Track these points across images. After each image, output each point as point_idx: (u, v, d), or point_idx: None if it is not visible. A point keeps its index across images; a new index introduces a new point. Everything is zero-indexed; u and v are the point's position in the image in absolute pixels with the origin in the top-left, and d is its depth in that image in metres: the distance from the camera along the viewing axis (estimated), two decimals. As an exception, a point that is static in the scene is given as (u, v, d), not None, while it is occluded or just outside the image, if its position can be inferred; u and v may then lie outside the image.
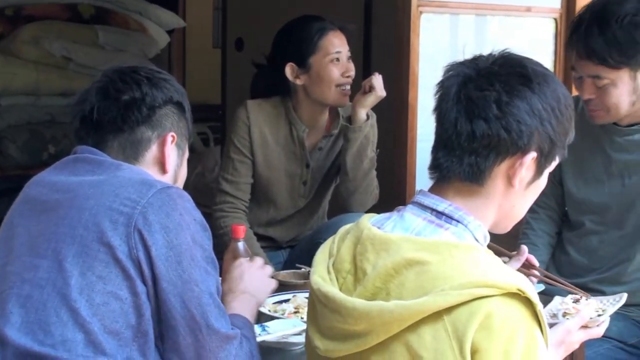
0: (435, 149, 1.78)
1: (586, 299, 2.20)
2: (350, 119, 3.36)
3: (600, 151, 2.93)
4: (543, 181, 1.80)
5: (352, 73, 3.36)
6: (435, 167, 1.77)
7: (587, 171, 2.96)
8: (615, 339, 2.84)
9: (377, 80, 3.34)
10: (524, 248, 2.19)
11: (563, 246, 3.07)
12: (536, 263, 2.21)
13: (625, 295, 2.18)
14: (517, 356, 1.55)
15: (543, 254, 3.06)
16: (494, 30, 4.64)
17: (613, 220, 2.93)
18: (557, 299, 2.24)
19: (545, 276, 2.29)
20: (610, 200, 2.92)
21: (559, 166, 1.92)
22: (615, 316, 2.54)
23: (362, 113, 3.34)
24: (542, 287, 2.58)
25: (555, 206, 3.09)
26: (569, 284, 2.24)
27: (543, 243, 3.07)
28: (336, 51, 3.32)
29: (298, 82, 3.35)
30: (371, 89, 3.32)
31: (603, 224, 2.96)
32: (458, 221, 1.71)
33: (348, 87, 3.35)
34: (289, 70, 3.35)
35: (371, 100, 3.34)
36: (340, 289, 1.70)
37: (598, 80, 2.75)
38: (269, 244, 3.53)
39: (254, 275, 2.30)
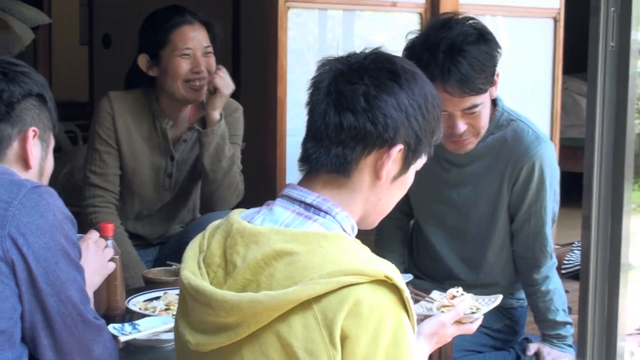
0: (305, 141, 1.80)
1: (462, 294, 2.25)
2: (204, 121, 3.29)
3: (434, 162, 2.97)
4: (409, 177, 1.84)
5: (204, 69, 3.27)
6: (304, 159, 1.80)
7: (427, 180, 3.02)
8: (482, 324, 2.90)
9: (220, 79, 3.25)
10: None
11: (418, 248, 3.13)
12: None
13: (500, 297, 2.25)
14: (386, 341, 1.57)
15: (400, 247, 3.12)
16: (362, 26, 4.69)
17: (454, 229, 3.01)
18: (435, 293, 2.29)
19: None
20: (449, 209, 3.00)
21: None
22: (482, 303, 2.63)
23: (214, 115, 3.27)
24: (410, 276, 2.63)
25: (406, 207, 3.14)
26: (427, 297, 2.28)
27: (399, 237, 3.13)
28: (186, 47, 3.25)
29: (151, 73, 3.30)
30: (216, 89, 3.26)
31: (446, 232, 3.03)
32: (326, 212, 1.73)
33: (199, 83, 3.26)
34: (141, 60, 3.31)
35: (219, 101, 3.27)
36: (211, 283, 1.70)
37: (474, 109, 2.77)
38: (138, 242, 3.48)
39: (90, 257, 2.25)
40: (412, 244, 3.18)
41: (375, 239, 3.15)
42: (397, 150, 1.75)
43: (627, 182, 2.46)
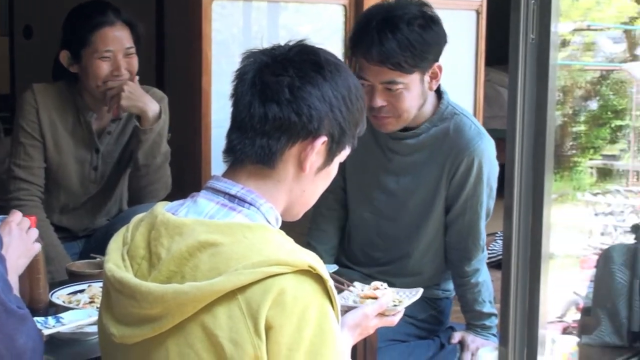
0: (230, 132, 1.81)
1: (385, 288, 2.27)
2: (139, 118, 3.25)
3: (379, 150, 3.00)
4: (333, 169, 1.85)
5: (124, 71, 3.21)
6: (229, 150, 1.80)
7: (366, 168, 3.04)
8: (407, 314, 2.94)
9: (124, 98, 3.19)
10: None
11: (350, 236, 3.14)
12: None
13: (421, 291, 2.26)
14: (310, 331, 1.59)
15: (333, 239, 3.13)
16: (287, 17, 4.69)
17: (389, 217, 3.03)
18: (357, 285, 2.30)
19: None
20: (386, 197, 3.02)
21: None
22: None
23: (150, 112, 3.25)
24: (335, 267, 2.64)
25: (342, 192, 3.15)
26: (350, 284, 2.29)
27: (333, 229, 3.13)
28: (107, 49, 3.19)
29: (72, 70, 3.26)
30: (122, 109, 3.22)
31: (380, 220, 3.05)
32: (250, 204, 1.74)
33: (119, 80, 3.21)
34: (63, 57, 3.26)
35: (139, 106, 3.22)
36: (135, 275, 1.69)
37: (392, 85, 2.78)
38: (64, 235, 3.44)
39: (13, 241, 2.22)
40: (345, 232, 3.18)
41: (309, 228, 3.16)
42: (321, 142, 1.76)
43: (547, 172, 2.51)
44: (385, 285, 2.28)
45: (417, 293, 2.24)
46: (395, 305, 2.16)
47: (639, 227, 3.62)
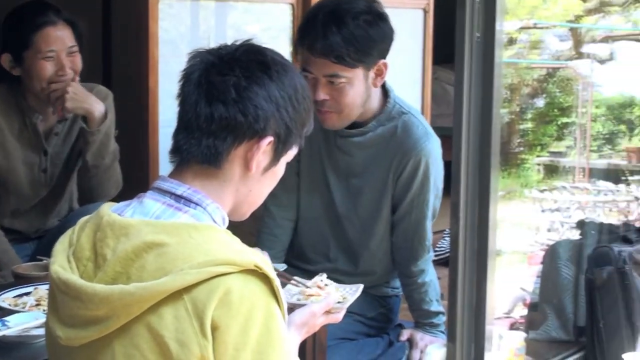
0: (176, 132, 1.80)
1: (326, 284, 2.27)
2: (85, 118, 3.22)
3: (328, 149, 3.00)
4: (280, 169, 1.85)
5: (69, 70, 3.18)
6: (175, 150, 1.80)
7: (317, 167, 3.04)
8: (356, 312, 2.97)
9: (68, 100, 3.16)
10: None
11: (299, 234, 3.14)
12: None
13: (361, 287, 2.26)
14: (256, 330, 1.59)
15: (284, 241, 3.12)
16: (236, 16, 4.68)
17: (340, 217, 3.03)
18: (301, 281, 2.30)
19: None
20: (336, 197, 3.02)
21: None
22: (356, 291, 2.66)
23: (96, 113, 3.21)
24: (284, 266, 2.65)
25: (295, 190, 3.14)
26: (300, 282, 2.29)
27: (282, 232, 3.12)
28: (50, 49, 3.15)
29: (14, 72, 3.21)
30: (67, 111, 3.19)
31: (331, 219, 3.06)
32: (197, 204, 1.73)
33: (63, 80, 3.17)
34: (4, 60, 3.21)
35: (85, 107, 3.19)
36: (81, 277, 1.68)
37: (335, 79, 2.78)
38: (15, 237, 3.40)
39: None
40: (296, 231, 3.18)
41: (258, 230, 3.14)
42: (267, 142, 1.76)
43: (493, 169, 2.52)
44: (324, 277, 2.28)
45: (357, 289, 2.25)
46: (339, 303, 2.17)
47: (584, 222, 3.66)
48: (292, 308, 1.98)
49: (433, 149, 2.92)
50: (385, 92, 2.95)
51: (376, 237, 3.00)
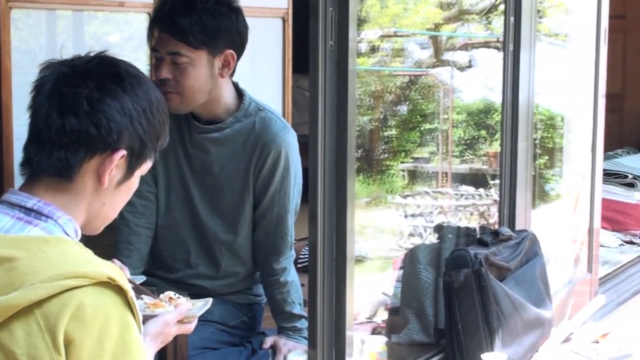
0: (27, 145, 1.77)
1: (178, 297, 2.26)
2: None
3: (185, 149, 2.98)
4: (134, 182, 1.83)
5: None
6: (26, 162, 1.77)
7: (174, 169, 3.02)
8: (218, 322, 2.96)
9: None
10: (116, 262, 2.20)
11: (158, 241, 3.11)
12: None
13: (210, 300, 2.26)
14: (112, 343, 1.57)
15: (142, 250, 3.08)
16: (96, 26, 4.62)
17: (200, 218, 3.01)
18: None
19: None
20: (196, 197, 3.00)
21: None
22: (217, 301, 2.67)
23: None
24: (143, 278, 2.62)
25: (152, 196, 3.10)
26: (149, 292, 2.27)
27: (139, 240, 3.09)
28: None
29: None
30: None
31: (193, 221, 3.03)
32: (47, 217, 1.70)
33: None
34: None
35: None
36: None
37: (177, 57, 2.79)
38: None
39: None
40: (155, 239, 3.14)
41: (115, 241, 3.10)
42: (120, 156, 1.74)
43: (349, 176, 2.56)
44: (178, 295, 2.27)
45: (207, 303, 2.25)
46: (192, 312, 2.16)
47: (442, 227, 3.75)
48: (145, 320, 1.96)
49: (292, 142, 2.95)
50: (239, 91, 2.97)
51: (239, 235, 3.00)
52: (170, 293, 2.23)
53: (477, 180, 8.84)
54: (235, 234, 3.00)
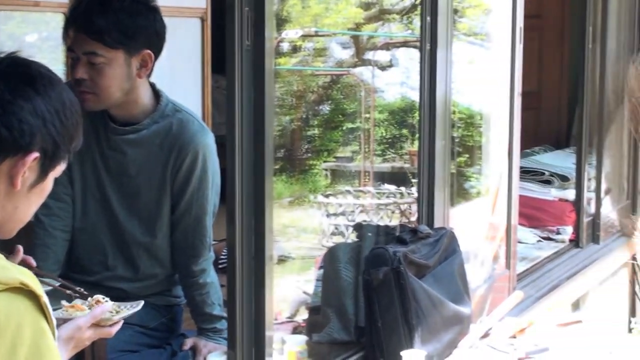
0: None
1: (106, 301, 2.23)
2: None
3: (101, 150, 2.95)
4: (48, 185, 1.80)
5: None
6: None
7: (90, 170, 2.98)
8: (138, 324, 2.92)
9: None
10: (19, 247, 2.16)
11: (76, 244, 3.07)
12: (33, 263, 2.17)
13: (142, 303, 2.24)
14: (25, 350, 1.54)
15: (59, 253, 3.04)
16: (13, 26, 4.57)
17: (117, 219, 2.98)
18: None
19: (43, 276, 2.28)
20: (114, 199, 2.97)
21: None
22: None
23: None
24: (58, 283, 2.58)
25: (68, 198, 3.06)
26: (74, 288, 2.24)
27: (55, 243, 3.04)
28: None
29: None
30: None
31: (110, 222, 3.00)
32: (-42, 220, 1.67)
33: None
34: None
35: None
36: None
37: (94, 57, 2.75)
38: None
39: None
40: (73, 242, 3.10)
41: (33, 244, 3.05)
42: (33, 158, 1.71)
43: (267, 176, 2.56)
44: (107, 299, 2.25)
45: (137, 305, 2.22)
46: (112, 315, 2.13)
47: (362, 225, 3.76)
48: (61, 324, 1.94)
49: (209, 143, 2.94)
50: (156, 92, 2.94)
51: (157, 237, 2.98)
52: (99, 296, 2.20)
53: (399, 178, 8.91)
54: (154, 235, 2.97)
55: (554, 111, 7.42)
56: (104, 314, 2.05)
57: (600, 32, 5.73)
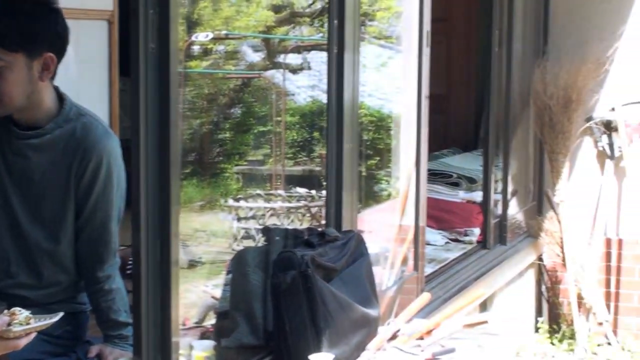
0: None
1: (20, 312, 2.19)
2: None
3: (1, 152, 2.90)
4: None
5: None
6: None
7: None
8: (41, 332, 2.87)
9: None
10: None
11: None
12: None
13: (61, 314, 2.20)
14: None
15: None
16: None
17: (20, 225, 2.93)
18: None
19: None
20: (16, 204, 2.91)
21: None
22: (39, 311, 2.58)
23: None
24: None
25: None
26: None
27: None
28: None
29: None
30: None
31: (13, 231, 2.95)
32: None
33: None
34: None
35: None
36: None
37: None
38: None
39: None
40: None
41: None
42: None
43: (174, 180, 2.54)
44: (20, 310, 2.21)
45: (56, 316, 2.18)
46: (18, 327, 2.09)
47: (270, 229, 3.76)
48: None
49: (114, 148, 2.91)
50: (60, 96, 2.90)
51: (61, 243, 2.93)
52: (16, 309, 2.16)
53: (310, 181, 8.94)
54: (57, 242, 2.93)
55: (462, 114, 7.51)
56: (2, 326, 2.01)
57: (506, 36, 5.82)
